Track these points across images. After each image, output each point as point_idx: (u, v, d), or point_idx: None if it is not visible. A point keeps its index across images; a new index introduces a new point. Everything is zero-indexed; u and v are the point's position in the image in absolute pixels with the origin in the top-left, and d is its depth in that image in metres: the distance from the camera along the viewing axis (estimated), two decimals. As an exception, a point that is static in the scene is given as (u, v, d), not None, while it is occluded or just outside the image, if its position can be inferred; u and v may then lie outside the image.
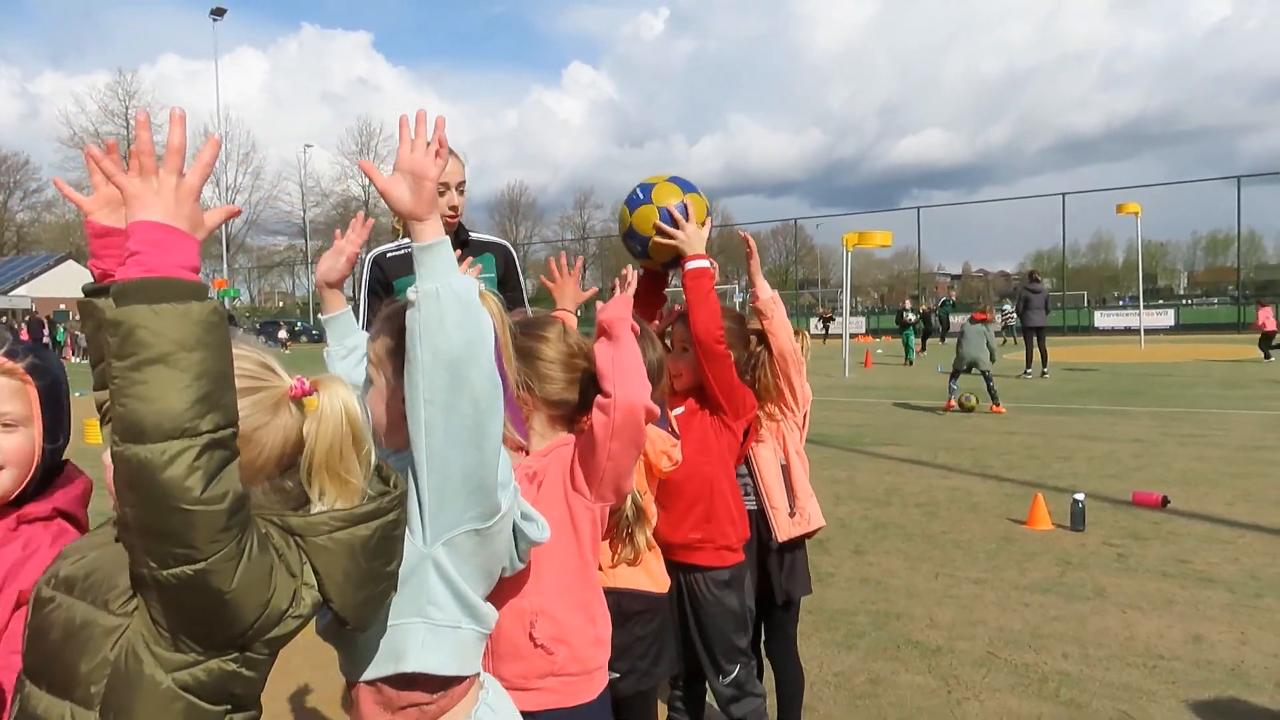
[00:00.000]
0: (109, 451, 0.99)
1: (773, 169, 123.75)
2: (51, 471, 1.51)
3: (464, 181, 2.98)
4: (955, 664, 3.68)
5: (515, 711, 1.54)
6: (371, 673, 1.39)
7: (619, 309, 1.79)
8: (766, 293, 2.61)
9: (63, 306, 48.64)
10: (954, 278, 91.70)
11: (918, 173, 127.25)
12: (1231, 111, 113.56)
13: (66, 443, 1.55)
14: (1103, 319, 40.28)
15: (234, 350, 1.05)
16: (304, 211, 71.97)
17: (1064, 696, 3.35)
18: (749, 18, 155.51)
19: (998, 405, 11.71)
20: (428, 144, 1.36)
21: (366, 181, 73.80)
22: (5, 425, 1.39)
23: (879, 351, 26.19)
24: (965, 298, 79.95)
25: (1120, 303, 35.81)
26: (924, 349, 25.95)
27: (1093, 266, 74.54)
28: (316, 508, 1.13)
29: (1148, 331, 28.31)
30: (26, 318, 46.19)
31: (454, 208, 2.95)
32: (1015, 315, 28.34)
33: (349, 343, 1.81)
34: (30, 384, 1.44)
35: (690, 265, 2.37)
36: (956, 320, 33.78)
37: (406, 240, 2.64)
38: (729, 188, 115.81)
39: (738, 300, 52.18)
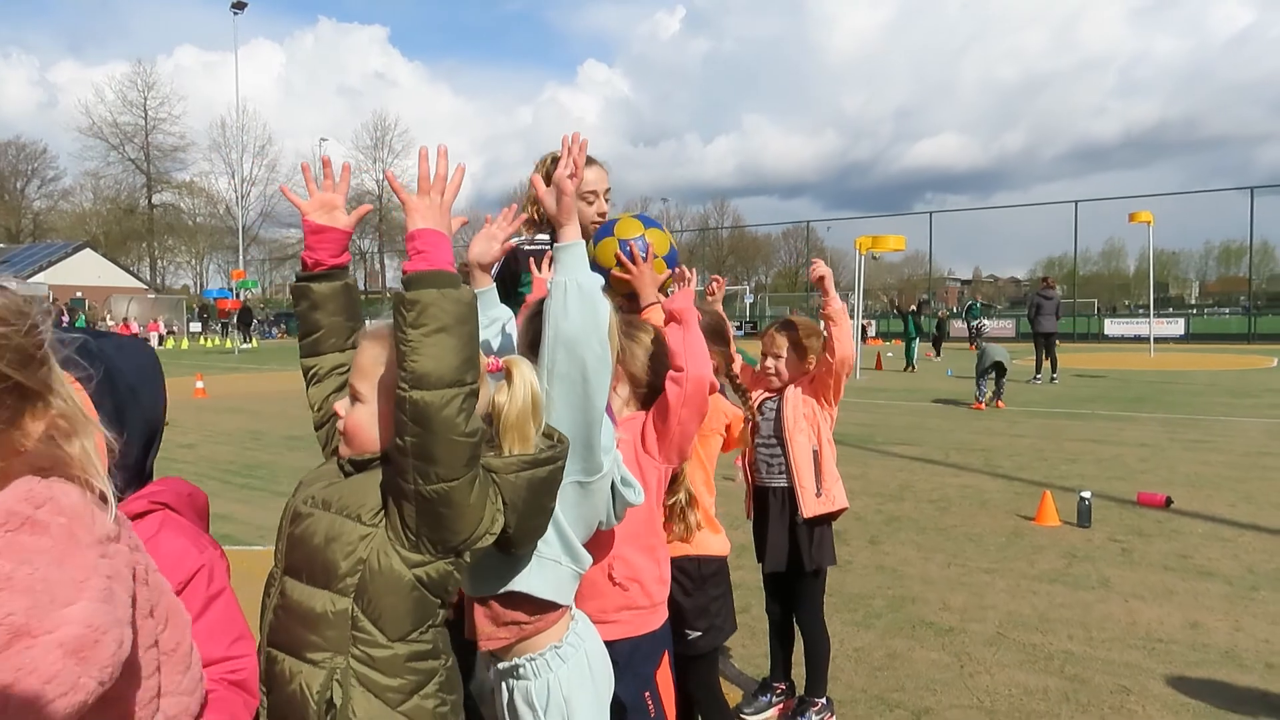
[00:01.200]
0: (341, 403, 1.30)
1: (786, 170, 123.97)
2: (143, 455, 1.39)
3: (609, 189, 3.14)
4: (967, 643, 3.95)
5: (600, 642, 1.83)
6: (486, 590, 1.68)
7: (685, 299, 2.10)
8: (838, 304, 3.01)
9: (79, 294, 49.10)
10: (964, 282, 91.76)
11: (931, 177, 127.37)
12: (1250, 121, 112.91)
13: (144, 429, 1.38)
14: (1113, 327, 40.37)
15: None
16: (318, 205, 72.50)
17: (1068, 673, 3.61)
18: (765, 18, 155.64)
19: (1000, 401, 13.16)
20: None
21: (380, 177, 74.73)
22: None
23: (889, 355, 26.39)
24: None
25: (1129, 310, 35.96)
26: (938, 354, 26.14)
27: (1104, 274, 74.51)
28: (506, 454, 1.42)
29: (1157, 340, 28.45)
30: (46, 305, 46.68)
31: (602, 214, 3.10)
32: (978, 327, 29.24)
33: (491, 314, 2.07)
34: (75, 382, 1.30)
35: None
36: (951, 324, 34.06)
37: (545, 236, 2.88)
38: (743, 188, 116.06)
39: (748, 301, 52.55)
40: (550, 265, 1.93)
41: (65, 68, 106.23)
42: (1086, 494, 6.03)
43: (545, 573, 1.70)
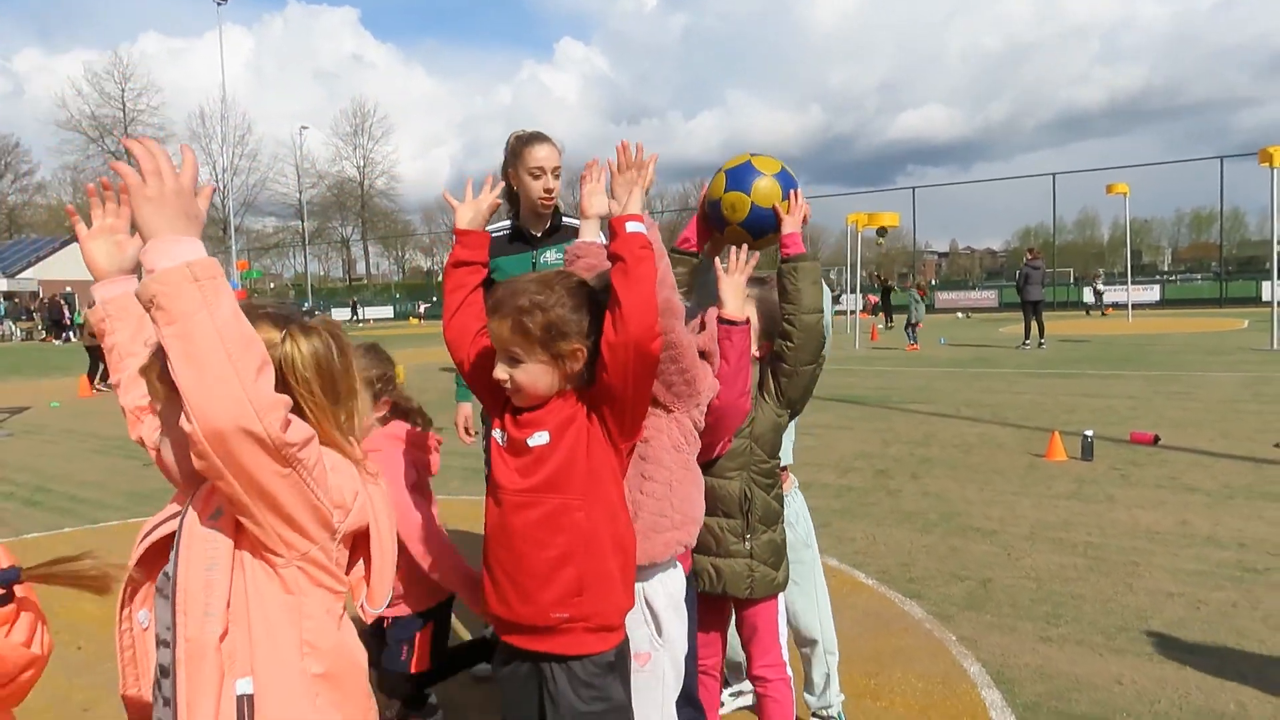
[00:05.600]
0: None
1: (770, 146, 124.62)
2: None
3: (559, 167, 3.29)
4: (1009, 540, 5.03)
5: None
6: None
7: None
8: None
9: (69, 289, 49.18)
10: (941, 255, 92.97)
11: (912, 149, 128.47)
12: (1233, 86, 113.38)
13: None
14: (1091, 294, 41.76)
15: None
16: (300, 193, 72.71)
17: (1090, 555, 4.70)
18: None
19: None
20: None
21: (362, 163, 74.44)
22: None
23: (886, 327, 27.63)
24: (953, 275, 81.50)
25: (1107, 278, 37.19)
26: (889, 323, 27.68)
27: (1078, 243, 76.03)
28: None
29: (1134, 306, 29.81)
30: (43, 300, 47.00)
31: (549, 190, 3.24)
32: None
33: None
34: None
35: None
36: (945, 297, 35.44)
37: (506, 222, 3.34)
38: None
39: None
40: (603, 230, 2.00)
41: (27, 56, 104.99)
42: (1089, 432, 7.14)
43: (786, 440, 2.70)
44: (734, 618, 2.54)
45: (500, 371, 1.79)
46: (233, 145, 67.38)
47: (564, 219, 3.42)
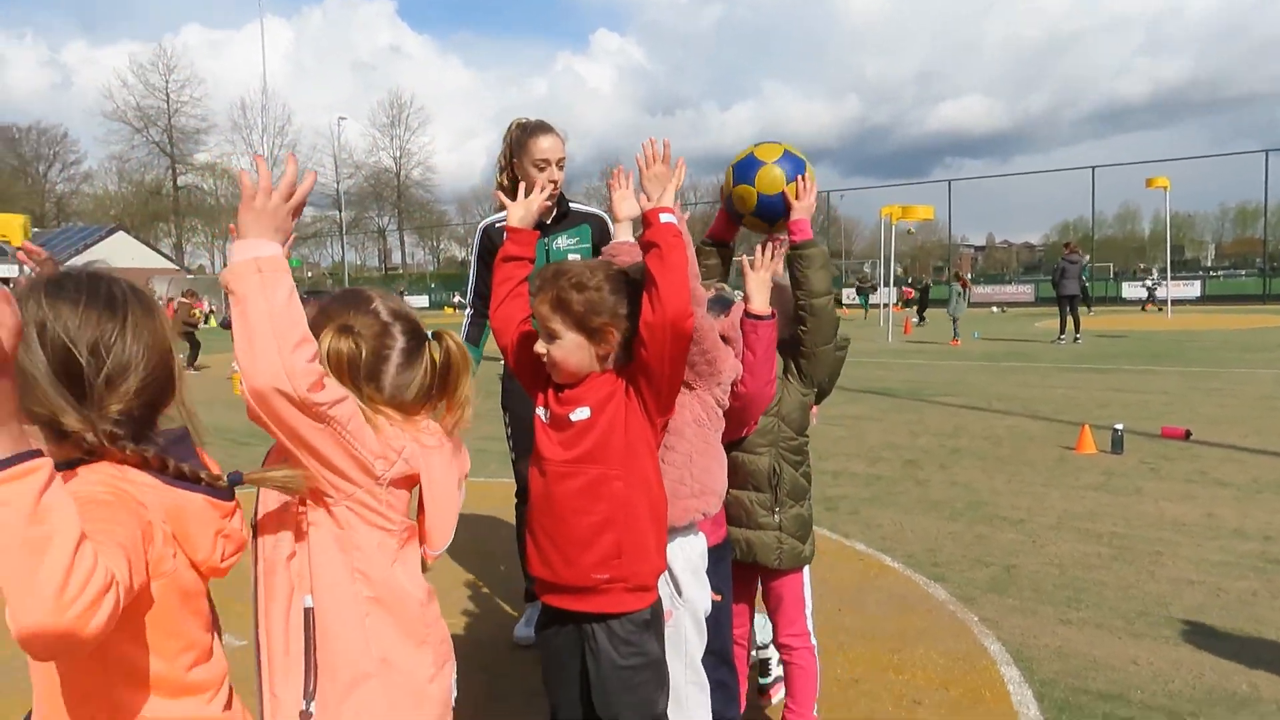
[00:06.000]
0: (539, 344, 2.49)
1: (806, 136, 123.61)
2: None
3: (564, 158, 3.34)
4: (1035, 529, 5.13)
5: None
6: None
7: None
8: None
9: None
10: (978, 249, 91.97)
11: (949, 141, 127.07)
12: (1278, 78, 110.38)
13: None
14: (1130, 290, 41.19)
15: None
16: (338, 184, 73.70)
17: (1115, 544, 4.79)
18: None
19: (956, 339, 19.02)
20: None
21: (398, 154, 75.16)
22: None
23: (918, 323, 27.51)
24: (989, 269, 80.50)
25: (1140, 278, 36.33)
26: (921, 320, 27.50)
27: (1118, 238, 74.82)
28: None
29: (1174, 302, 29.38)
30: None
31: (554, 181, 3.27)
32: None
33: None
34: None
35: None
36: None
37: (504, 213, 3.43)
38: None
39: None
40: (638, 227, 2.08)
41: (74, 48, 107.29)
42: (1119, 425, 7.18)
43: None
44: (760, 589, 2.70)
45: (540, 346, 1.96)
46: (273, 135, 68.43)
47: (571, 205, 3.49)
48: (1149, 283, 35.37)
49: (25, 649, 1.00)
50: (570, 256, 3.40)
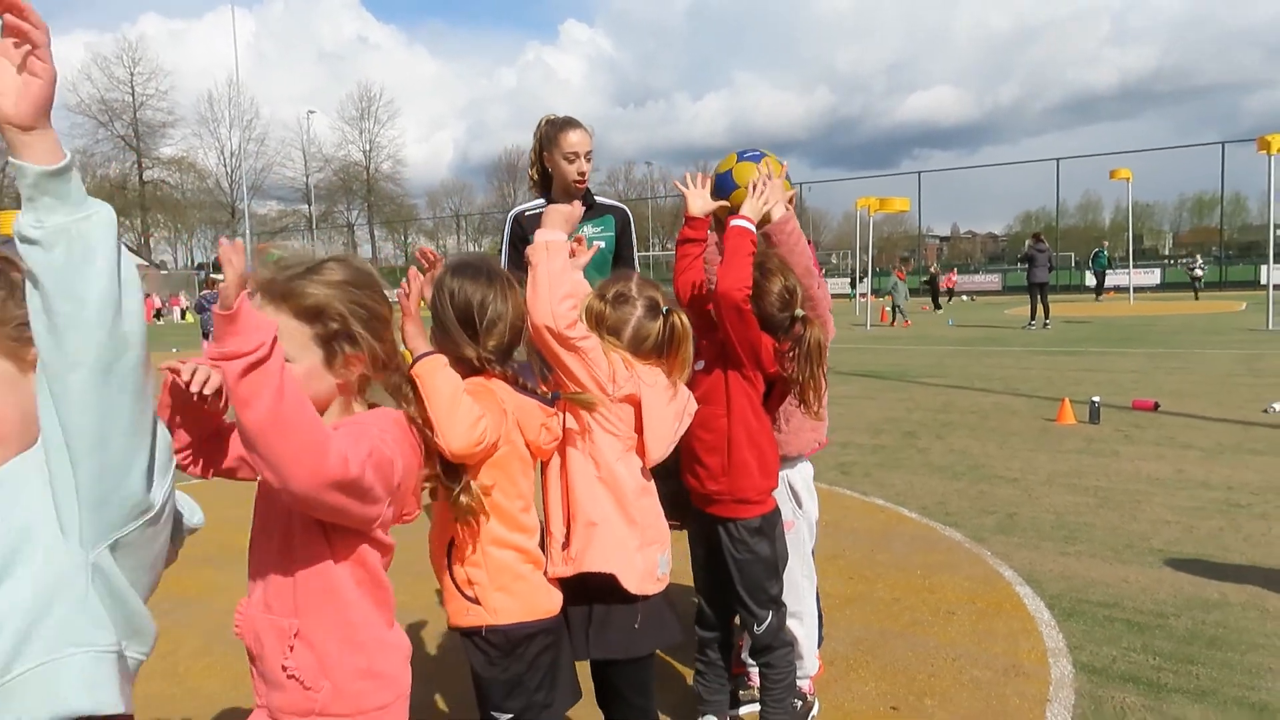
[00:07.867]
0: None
1: (777, 128, 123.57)
2: None
3: (591, 150, 3.48)
4: (1028, 485, 5.81)
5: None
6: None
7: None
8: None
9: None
10: (942, 239, 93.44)
11: (918, 133, 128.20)
12: (1243, 68, 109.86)
13: None
14: (1092, 278, 42.43)
15: None
16: (307, 178, 73.22)
17: (1100, 495, 5.48)
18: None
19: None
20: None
21: (367, 147, 74.69)
22: None
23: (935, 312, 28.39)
24: (954, 259, 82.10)
25: (1100, 263, 37.29)
26: (938, 308, 28.26)
27: (1080, 227, 76.59)
28: None
29: (1136, 290, 30.55)
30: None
31: (582, 173, 3.46)
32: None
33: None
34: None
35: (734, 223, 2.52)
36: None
37: (539, 201, 3.58)
38: (731, 148, 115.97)
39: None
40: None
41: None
42: (1097, 398, 7.92)
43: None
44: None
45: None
46: (240, 129, 67.80)
47: (596, 198, 3.67)
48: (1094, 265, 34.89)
49: (457, 459, 1.76)
50: (595, 244, 3.84)
